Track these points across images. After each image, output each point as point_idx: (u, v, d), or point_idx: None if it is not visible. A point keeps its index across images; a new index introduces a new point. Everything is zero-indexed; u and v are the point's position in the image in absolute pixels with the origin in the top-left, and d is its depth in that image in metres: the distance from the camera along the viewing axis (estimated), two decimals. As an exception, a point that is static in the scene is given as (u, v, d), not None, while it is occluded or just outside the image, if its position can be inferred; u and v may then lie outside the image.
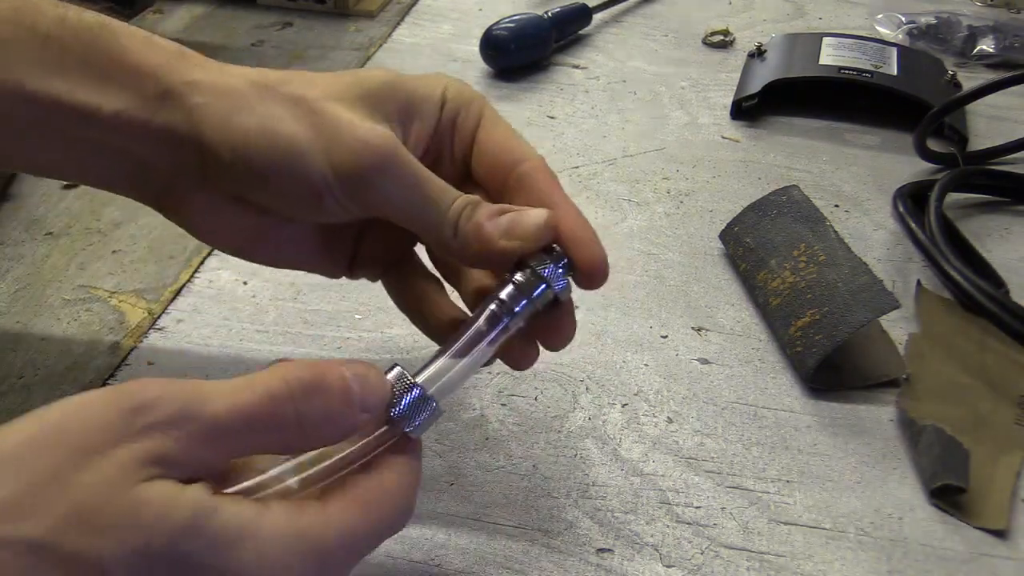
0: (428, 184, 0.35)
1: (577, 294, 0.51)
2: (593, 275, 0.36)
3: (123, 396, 0.26)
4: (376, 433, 0.31)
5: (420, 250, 0.41)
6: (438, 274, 0.41)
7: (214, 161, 0.35)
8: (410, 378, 0.32)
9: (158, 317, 0.49)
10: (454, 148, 0.38)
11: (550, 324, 0.37)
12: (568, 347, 0.47)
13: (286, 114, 0.34)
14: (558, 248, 0.36)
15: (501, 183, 0.37)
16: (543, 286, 0.35)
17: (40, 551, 0.23)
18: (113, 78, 0.35)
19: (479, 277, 0.38)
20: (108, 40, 0.36)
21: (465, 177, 0.39)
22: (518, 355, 0.38)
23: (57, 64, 0.35)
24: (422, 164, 0.35)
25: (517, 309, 0.35)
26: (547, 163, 0.38)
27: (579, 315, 0.50)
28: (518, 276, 0.35)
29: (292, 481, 0.29)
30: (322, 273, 0.41)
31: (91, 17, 0.36)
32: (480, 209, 0.35)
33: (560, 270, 0.35)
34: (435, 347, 0.34)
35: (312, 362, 0.30)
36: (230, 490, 0.28)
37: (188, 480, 0.26)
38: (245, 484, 0.28)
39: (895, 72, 0.68)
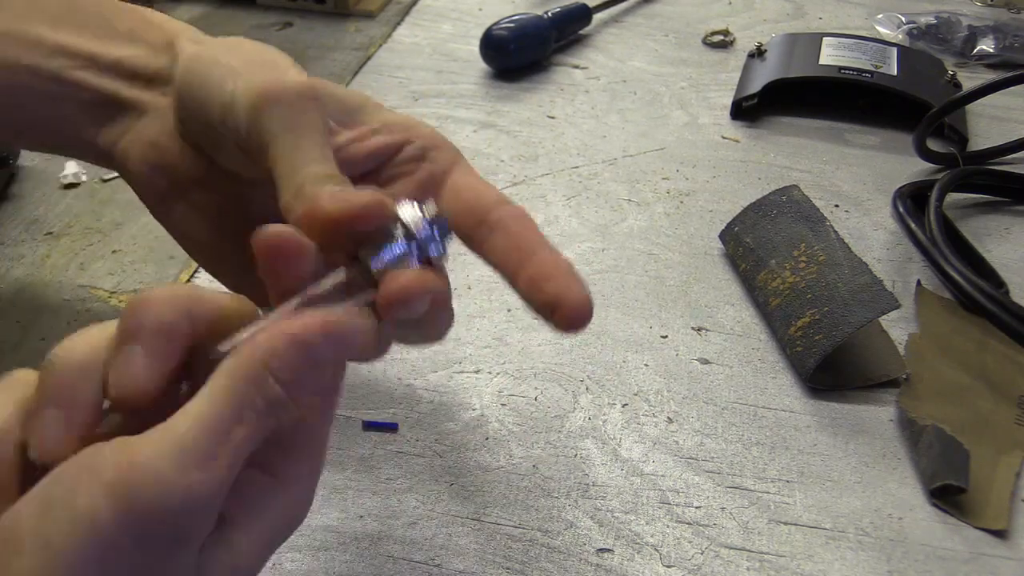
0: (308, 142, 0.32)
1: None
2: (575, 317, 0.31)
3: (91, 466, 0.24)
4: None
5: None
6: None
7: (179, 101, 0.37)
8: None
9: (158, 317, 0.49)
10: (416, 177, 0.36)
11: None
12: (568, 347, 0.48)
13: (228, 56, 0.35)
14: (435, 208, 0.30)
15: (475, 223, 0.34)
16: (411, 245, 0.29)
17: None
18: (122, 30, 0.39)
19: None
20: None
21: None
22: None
23: (67, 15, 0.39)
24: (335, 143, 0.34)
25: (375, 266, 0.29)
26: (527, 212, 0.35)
27: (579, 315, 0.50)
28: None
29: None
30: (226, 283, 0.40)
31: None
32: (329, 183, 0.31)
33: (436, 230, 0.30)
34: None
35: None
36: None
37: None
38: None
39: (895, 72, 0.68)
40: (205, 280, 0.52)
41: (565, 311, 0.31)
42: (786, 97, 0.69)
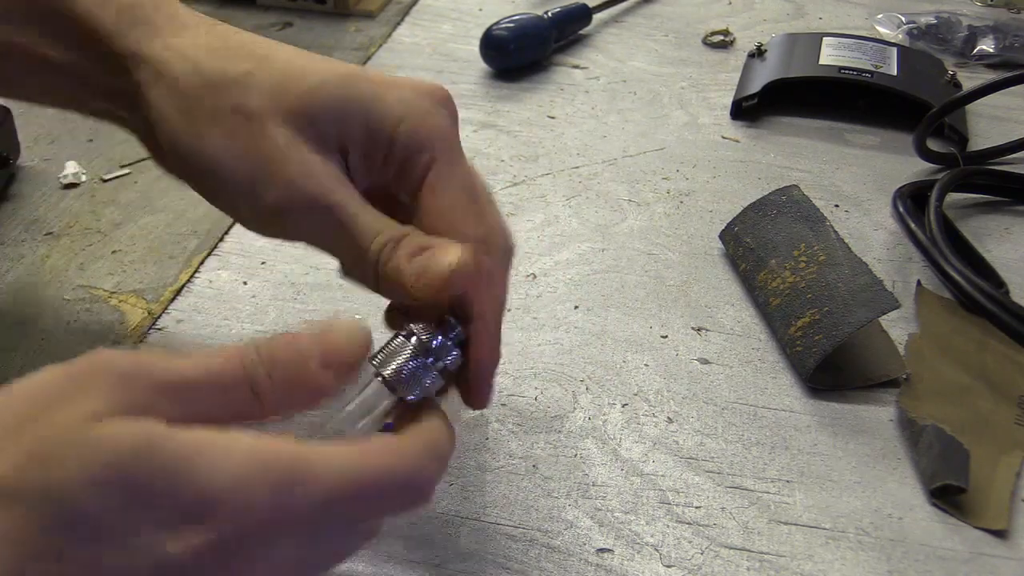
0: (354, 223, 0.34)
1: (579, 292, 0.52)
2: (476, 399, 0.36)
3: (77, 362, 0.27)
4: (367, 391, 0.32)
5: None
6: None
7: (156, 142, 0.36)
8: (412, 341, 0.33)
9: (158, 317, 0.49)
10: (404, 182, 0.37)
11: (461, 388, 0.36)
12: (568, 347, 0.48)
13: (229, 143, 0.34)
14: (453, 320, 0.34)
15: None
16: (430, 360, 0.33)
17: (3, 495, 0.24)
18: (61, 32, 0.36)
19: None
20: None
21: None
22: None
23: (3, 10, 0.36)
24: (356, 192, 0.34)
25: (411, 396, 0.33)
26: (507, 242, 0.36)
27: (579, 315, 0.50)
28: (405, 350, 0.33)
29: None
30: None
31: None
32: (400, 248, 0.33)
33: (449, 343, 0.34)
34: None
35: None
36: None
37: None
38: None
39: (895, 72, 0.68)
40: (206, 280, 0.52)
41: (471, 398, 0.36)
42: (786, 97, 0.69)
